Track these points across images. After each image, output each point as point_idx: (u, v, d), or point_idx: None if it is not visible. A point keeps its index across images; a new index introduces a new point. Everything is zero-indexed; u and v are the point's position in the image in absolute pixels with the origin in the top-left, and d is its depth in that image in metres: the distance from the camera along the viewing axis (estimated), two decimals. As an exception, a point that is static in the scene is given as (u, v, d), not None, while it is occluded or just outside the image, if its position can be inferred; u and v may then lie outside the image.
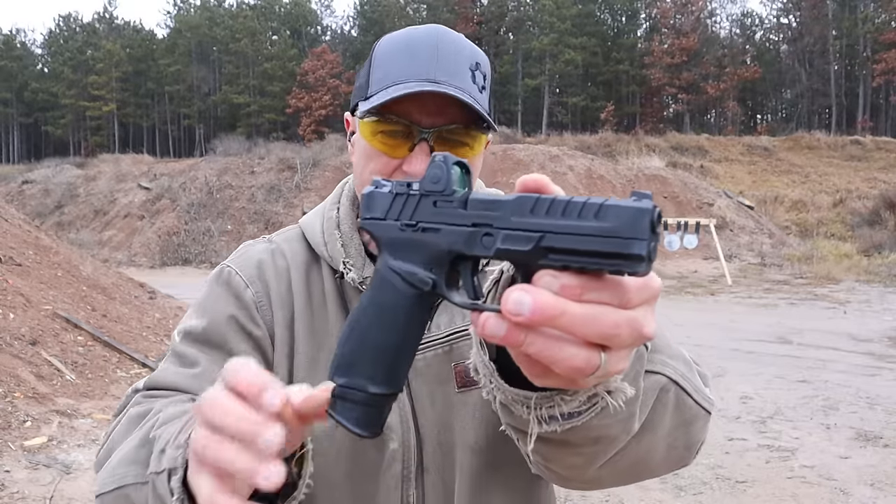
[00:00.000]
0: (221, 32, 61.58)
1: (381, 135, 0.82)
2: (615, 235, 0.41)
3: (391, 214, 0.53)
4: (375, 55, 0.86)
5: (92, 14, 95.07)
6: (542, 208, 0.45)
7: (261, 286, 0.91)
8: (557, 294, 0.43)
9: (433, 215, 0.50)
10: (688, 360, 0.76)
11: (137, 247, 22.80)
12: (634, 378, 0.61)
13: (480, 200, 0.48)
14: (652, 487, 4.33)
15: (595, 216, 0.42)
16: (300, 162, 25.43)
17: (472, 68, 0.84)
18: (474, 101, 0.81)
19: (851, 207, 25.55)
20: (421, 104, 0.80)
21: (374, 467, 0.87)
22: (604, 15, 60.84)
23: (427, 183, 0.51)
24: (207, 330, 0.88)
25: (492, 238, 0.47)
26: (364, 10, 65.09)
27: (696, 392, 0.74)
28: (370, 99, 0.82)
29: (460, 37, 0.86)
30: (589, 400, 0.56)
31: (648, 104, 56.90)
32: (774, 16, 62.21)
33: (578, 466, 0.67)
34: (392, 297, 0.52)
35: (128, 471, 0.71)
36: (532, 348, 0.44)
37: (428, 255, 0.51)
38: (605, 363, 0.45)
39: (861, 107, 51.49)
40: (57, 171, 30.31)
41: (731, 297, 13.72)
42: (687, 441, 0.76)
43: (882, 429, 5.45)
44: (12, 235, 8.46)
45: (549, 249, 0.44)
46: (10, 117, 65.98)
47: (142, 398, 0.84)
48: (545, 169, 22.86)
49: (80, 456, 4.44)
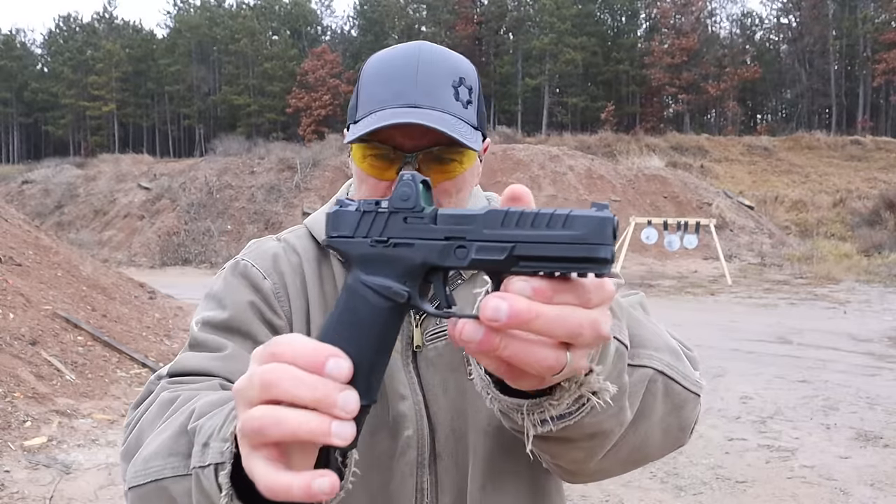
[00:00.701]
0: (221, 32, 61.59)
1: (369, 158, 0.87)
2: (584, 242, 0.46)
3: (360, 232, 0.55)
4: (362, 77, 0.90)
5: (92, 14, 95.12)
6: (513, 220, 0.49)
7: (277, 278, 0.92)
8: (530, 298, 0.47)
9: (405, 231, 0.53)
10: (674, 348, 0.80)
11: (137, 247, 22.80)
12: (618, 376, 0.65)
13: (450, 215, 0.52)
14: (652, 488, 4.33)
15: (563, 226, 0.47)
16: (300, 162, 25.44)
17: (455, 84, 0.86)
18: (457, 119, 0.84)
19: (851, 207, 25.55)
20: (404, 129, 0.83)
21: (388, 455, 0.88)
22: (604, 15, 60.85)
23: (396, 201, 0.54)
24: (230, 318, 0.89)
25: (465, 250, 0.50)
26: (364, 10, 65.09)
27: (683, 378, 0.79)
28: (358, 123, 0.86)
29: (443, 53, 0.88)
30: (576, 402, 0.61)
31: (648, 104, 56.91)
32: (774, 16, 62.26)
33: (581, 460, 0.72)
34: (366, 311, 0.54)
35: (165, 463, 0.69)
36: (507, 351, 0.48)
37: (401, 268, 0.53)
38: (571, 361, 0.50)
39: (861, 107, 51.51)
40: (57, 171, 30.31)
41: (731, 297, 13.72)
42: (680, 423, 0.81)
43: (882, 429, 5.45)
44: (12, 235, 8.46)
45: (521, 257, 0.48)
46: (10, 117, 65.99)
47: (168, 384, 0.83)
48: (545, 169, 22.87)
49: (80, 456, 4.44)
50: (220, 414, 0.65)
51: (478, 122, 0.89)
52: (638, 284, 15.22)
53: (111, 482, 4.16)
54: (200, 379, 0.83)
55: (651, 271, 17.82)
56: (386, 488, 0.88)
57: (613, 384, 0.62)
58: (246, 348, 0.86)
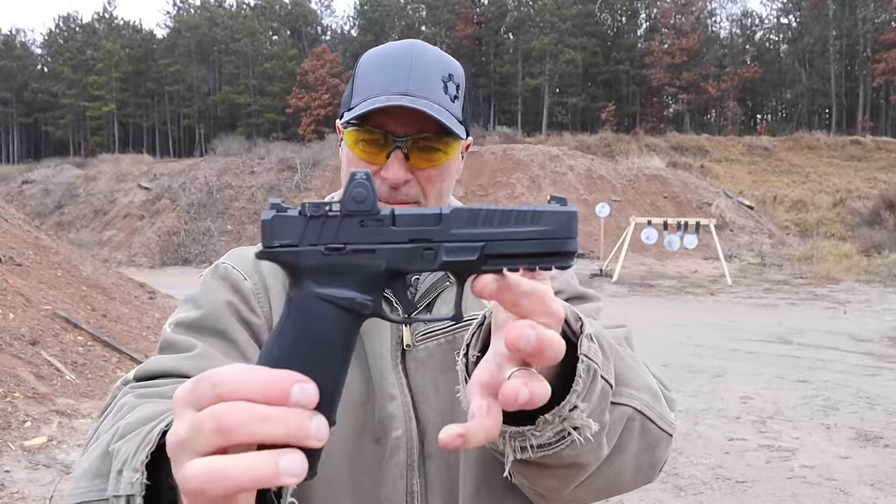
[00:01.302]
0: (221, 32, 61.59)
1: (361, 143, 0.91)
2: (553, 237, 0.47)
3: (308, 239, 0.49)
4: (358, 69, 0.95)
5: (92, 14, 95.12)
6: (479, 219, 0.48)
7: (258, 279, 0.94)
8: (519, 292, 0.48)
9: (363, 236, 0.49)
10: (654, 389, 0.81)
11: (137, 247, 22.80)
12: (600, 414, 0.67)
13: (409, 215, 0.49)
14: (652, 488, 4.33)
15: (531, 222, 0.47)
16: (300, 162, 25.44)
17: (445, 80, 0.91)
18: (444, 110, 0.89)
19: (851, 207, 25.55)
20: (396, 115, 0.88)
21: (375, 459, 0.87)
22: (604, 15, 60.85)
23: (349, 203, 0.49)
24: (203, 317, 0.88)
25: (432, 252, 0.48)
26: (364, 10, 65.09)
27: (660, 419, 0.81)
28: (352, 110, 0.90)
29: (435, 51, 0.94)
30: (558, 434, 0.63)
31: (648, 104, 56.91)
32: (774, 16, 62.26)
33: (555, 488, 0.74)
34: (326, 327, 0.48)
35: (91, 485, 0.67)
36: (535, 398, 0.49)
37: (363, 276, 0.49)
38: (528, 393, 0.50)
39: (861, 107, 51.50)
40: (57, 171, 30.31)
41: (731, 297, 13.71)
42: (651, 461, 0.83)
43: (882, 429, 5.45)
44: (12, 235, 8.46)
45: (491, 256, 0.47)
46: (10, 117, 65.99)
47: (129, 390, 0.81)
48: (545, 169, 22.86)
49: (80, 456, 4.44)
50: (136, 438, 0.62)
51: (462, 117, 0.93)
52: (638, 284, 15.23)
53: (111, 482, 4.16)
54: (171, 381, 0.81)
55: (651, 271, 17.82)
56: (376, 491, 0.87)
57: (595, 422, 0.64)
58: (217, 347, 0.86)
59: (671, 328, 9.36)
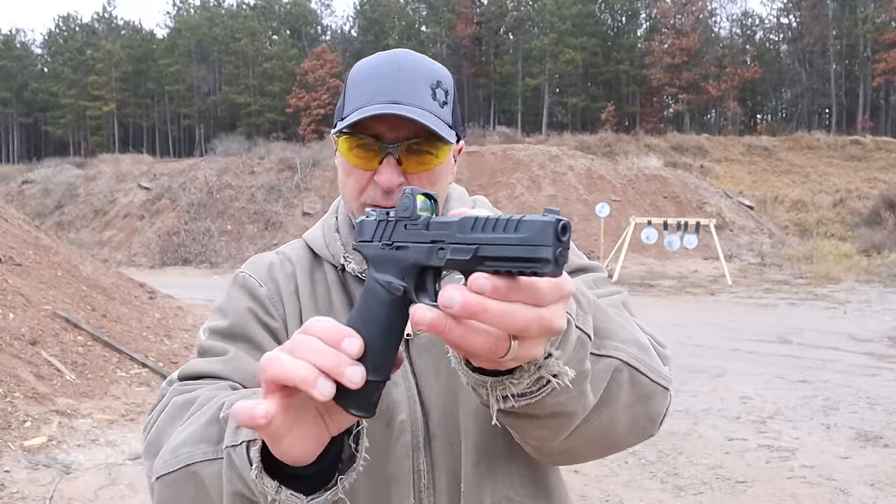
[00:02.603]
0: (221, 32, 61.60)
1: (355, 150, 0.95)
2: (529, 244, 0.52)
3: (376, 237, 0.66)
4: (349, 80, 0.99)
5: (91, 14, 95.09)
6: (479, 226, 0.56)
7: (272, 285, 1.03)
8: (489, 294, 0.53)
9: (404, 236, 0.63)
10: (643, 343, 0.86)
11: (137, 247, 22.80)
12: (578, 362, 0.70)
13: (438, 222, 0.60)
14: (652, 488, 4.33)
15: (515, 229, 0.53)
16: (300, 162, 25.44)
17: (433, 86, 0.95)
18: (433, 115, 0.93)
19: (851, 207, 25.56)
20: (387, 122, 0.92)
21: (384, 441, 0.93)
22: (604, 15, 60.87)
23: (399, 211, 0.64)
24: (231, 325, 1.00)
25: (444, 251, 0.58)
26: (364, 10, 65.09)
27: (650, 371, 0.85)
28: (344, 119, 0.95)
29: (422, 59, 0.98)
30: (536, 382, 0.66)
31: (648, 104, 56.92)
32: (774, 16, 62.29)
33: (546, 438, 0.78)
34: (376, 302, 0.64)
35: (195, 449, 0.78)
36: (451, 335, 0.55)
37: (400, 267, 0.63)
38: (516, 349, 0.56)
39: (861, 107, 51.51)
40: (57, 171, 30.30)
41: (731, 297, 13.71)
42: (647, 413, 0.87)
43: (882, 429, 5.45)
44: (12, 235, 8.47)
45: (485, 258, 0.54)
46: (10, 117, 66.01)
47: (180, 387, 0.92)
48: (545, 169, 22.86)
49: (80, 456, 4.44)
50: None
51: (452, 122, 0.97)
52: (638, 284, 15.22)
53: (111, 482, 4.16)
54: (209, 381, 0.93)
55: (651, 271, 17.82)
56: (385, 471, 0.93)
57: (573, 369, 0.67)
58: (246, 351, 0.97)
59: (671, 328, 9.35)
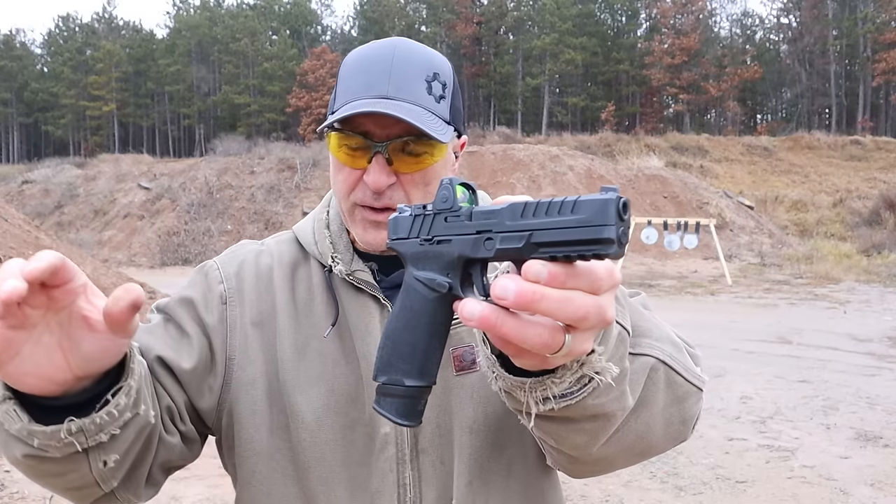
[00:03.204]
0: (221, 32, 61.58)
1: (344, 147, 0.89)
2: (589, 224, 0.49)
3: (412, 233, 0.63)
4: (340, 71, 0.92)
5: (91, 14, 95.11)
6: (530, 211, 0.53)
7: (235, 283, 0.98)
8: (546, 281, 0.50)
9: (445, 229, 0.60)
10: (676, 342, 0.83)
11: (137, 247, 22.81)
12: (619, 359, 0.67)
13: (482, 212, 0.57)
14: (652, 488, 4.33)
15: (571, 211, 0.50)
16: (300, 162, 25.44)
17: (429, 79, 0.88)
18: (428, 111, 0.86)
19: (851, 207, 25.55)
20: (376, 119, 0.85)
21: (366, 453, 0.90)
22: (604, 15, 60.84)
23: (438, 203, 0.61)
24: (168, 304, 0.98)
25: (492, 241, 0.55)
26: (364, 9, 65.08)
27: (685, 371, 0.81)
28: (333, 114, 0.88)
29: (418, 48, 0.91)
30: (578, 381, 0.63)
31: (648, 104, 56.91)
32: (774, 16, 62.28)
33: (583, 444, 0.73)
34: (418, 301, 0.62)
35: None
36: (504, 328, 0.52)
37: (443, 262, 0.60)
38: (570, 342, 0.53)
39: (861, 107, 51.49)
40: (57, 171, 30.31)
41: (731, 297, 13.71)
42: (682, 416, 0.83)
43: (882, 429, 5.45)
44: (12, 235, 8.46)
45: (538, 244, 0.51)
46: (10, 117, 65.98)
47: None
48: (545, 169, 22.86)
49: (80, 456, 4.44)
50: None
51: (451, 117, 0.90)
52: (638, 284, 15.21)
53: (111, 482, 4.16)
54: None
55: (651, 271, 17.82)
56: (366, 484, 0.89)
57: (616, 366, 0.64)
58: (171, 332, 0.94)
59: (674, 328, 9.30)
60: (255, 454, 0.91)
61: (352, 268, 0.94)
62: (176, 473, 0.96)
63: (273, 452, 0.91)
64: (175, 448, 0.89)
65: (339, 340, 0.92)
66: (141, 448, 0.79)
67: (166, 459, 0.88)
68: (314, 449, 0.89)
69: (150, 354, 0.89)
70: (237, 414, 0.92)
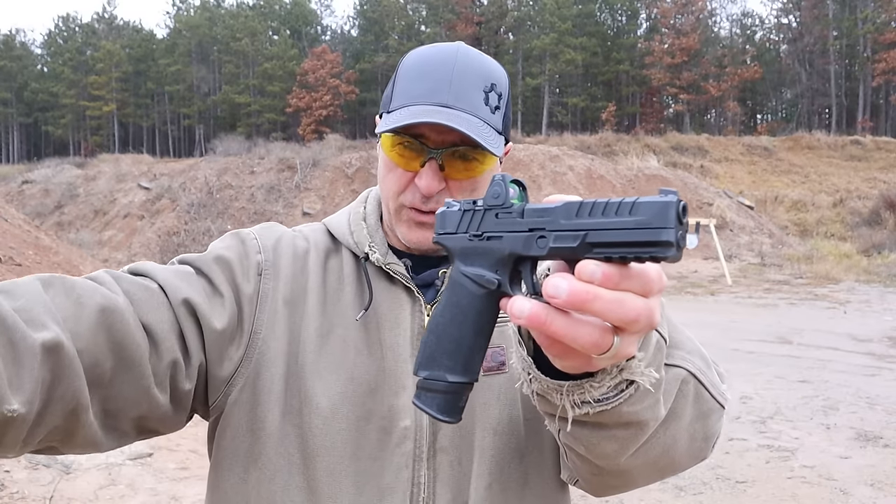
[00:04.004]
0: (221, 32, 61.57)
1: (398, 147, 0.90)
2: (648, 227, 0.48)
3: (461, 228, 0.63)
4: (400, 69, 0.93)
5: (92, 14, 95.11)
6: (586, 210, 0.52)
7: (272, 257, 0.94)
8: (599, 282, 0.49)
9: (496, 225, 0.60)
10: (705, 356, 0.83)
11: (137, 247, 22.80)
12: (658, 367, 0.67)
13: (535, 209, 0.57)
14: (652, 488, 4.33)
15: (629, 212, 0.50)
16: (300, 162, 25.43)
17: (486, 90, 0.89)
18: (484, 122, 0.87)
19: (851, 207, 25.55)
20: (433, 125, 0.86)
21: (379, 447, 0.87)
22: (604, 15, 60.82)
23: (489, 199, 0.60)
24: (202, 257, 0.92)
25: (545, 240, 0.55)
26: (364, 9, 65.07)
27: (712, 387, 0.81)
28: (391, 113, 0.89)
29: (479, 57, 0.91)
30: (616, 387, 0.62)
31: (648, 104, 56.89)
32: (774, 16, 62.28)
33: (613, 454, 0.73)
34: (465, 297, 0.61)
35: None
36: (553, 326, 0.52)
37: (493, 259, 0.60)
38: (618, 344, 0.53)
39: (861, 107, 51.48)
40: (57, 171, 30.31)
41: (731, 297, 13.71)
42: (705, 433, 0.83)
43: (882, 429, 5.45)
44: (12, 235, 8.46)
45: (593, 244, 0.51)
46: (10, 117, 65.97)
47: (104, 273, 0.84)
48: (545, 169, 22.87)
49: (80, 456, 4.44)
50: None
51: (503, 127, 0.91)
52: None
53: (111, 482, 4.16)
54: (142, 279, 0.85)
55: (651, 271, 17.82)
56: (377, 479, 0.87)
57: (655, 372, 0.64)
58: (202, 285, 0.88)
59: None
60: (266, 435, 0.88)
61: (387, 260, 0.94)
62: (176, 473, 0.95)
63: (282, 437, 0.88)
64: (159, 408, 0.82)
65: (364, 330, 0.91)
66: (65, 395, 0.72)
67: (142, 416, 0.82)
68: (325, 437, 0.87)
69: (176, 296, 0.84)
70: (256, 389, 0.89)
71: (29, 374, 0.67)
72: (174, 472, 4.33)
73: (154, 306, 0.82)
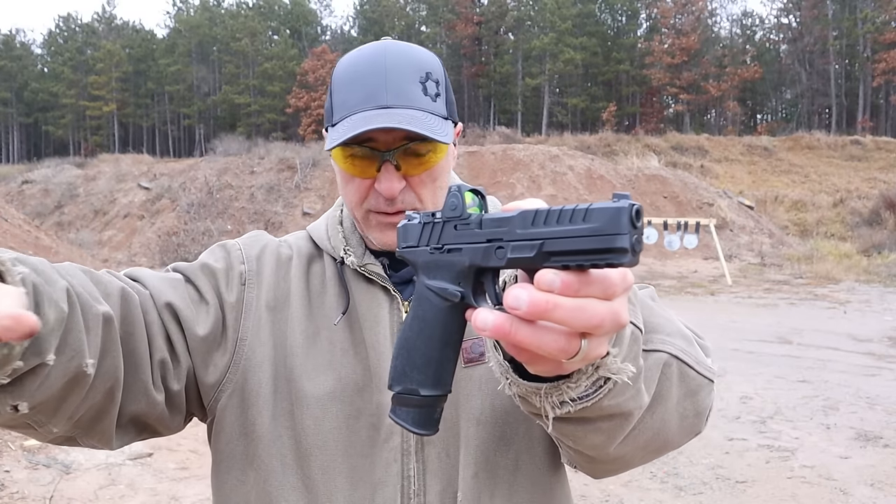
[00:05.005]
0: (221, 32, 61.58)
1: (350, 159, 0.90)
2: (601, 234, 0.48)
3: (422, 241, 0.63)
4: (334, 80, 0.93)
5: (92, 14, 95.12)
6: (541, 219, 0.51)
7: (256, 266, 0.98)
8: (559, 290, 0.49)
9: (455, 237, 0.59)
10: (687, 334, 0.83)
11: (137, 247, 22.80)
12: (633, 358, 0.67)
13: (492, 219, 0.56)
14: (652, 488, 4.33)
15: (583, 219, 0.49)
16: (300, 162, 25.43)
17: (423, 80, 0.89)
18: (428, 113, 0.88)
19: (851, 207, 25.55)
20: (379, 129, 0.87)
21: (369, 443, 0.90)
22: (604, 15, 60.83)
23: (447, 211, 0.60)
24: (190, 266, 0.97)
25: (503, 250, 0.54)
26: (364, 10, 65.09)
27: (697, 364, 0.82)
28: (335, 127, 0.90)
29: (408, 50, 0.92)
30: (594, 384, 0.63)
31: (648, 104, 56.91)
32: (774, 16, 62.30)
33: (601, 444, 0.74)
34: (430, 311, 0.61)
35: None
36: (518, 337, 0.51)
37: (454, 271, 0.59)
38: (586, 348, 0.52)
39: (861, 107, 51.49)
40: (57, 171, 30.30)
41: (731, 297, 13.71)
42: (696, 409, 0.83)
43: (882, 429, 5.45)
44: (12, 235, 8.46)
45: (550, 253, 0.50)
46: (10, 117, 65.98)
47: (107, 274, 0.87)
48: (545, 169, 22.85)
49: (80, 456, 4.44)
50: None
51: (447, 111, 0.92)
52: (638, 284, 15.21)
53: (111, 482, 4.16)
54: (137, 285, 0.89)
55: (651, 271, 17.82)
56: (369, 474, 0.89)
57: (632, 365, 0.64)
58: (190, 293, 0.93)
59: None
60: (258, 438, 0.91)
61: (363, 261, 0.96)
62: (176, 473, 0.96)
63: (274, 439, 0.90)
64: (156, 406, 0.86)
65: (348, 330, 0.93)
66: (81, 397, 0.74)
67: (141, 414, 0.85)
68: (317, 436, 0.89)
69: (160, 299, 0.88)
70: (245, 394, 0.92)
71: (94, 341, 0.73)
72: (174, 472, 4.33)
73: (149, 307, 0.87)
